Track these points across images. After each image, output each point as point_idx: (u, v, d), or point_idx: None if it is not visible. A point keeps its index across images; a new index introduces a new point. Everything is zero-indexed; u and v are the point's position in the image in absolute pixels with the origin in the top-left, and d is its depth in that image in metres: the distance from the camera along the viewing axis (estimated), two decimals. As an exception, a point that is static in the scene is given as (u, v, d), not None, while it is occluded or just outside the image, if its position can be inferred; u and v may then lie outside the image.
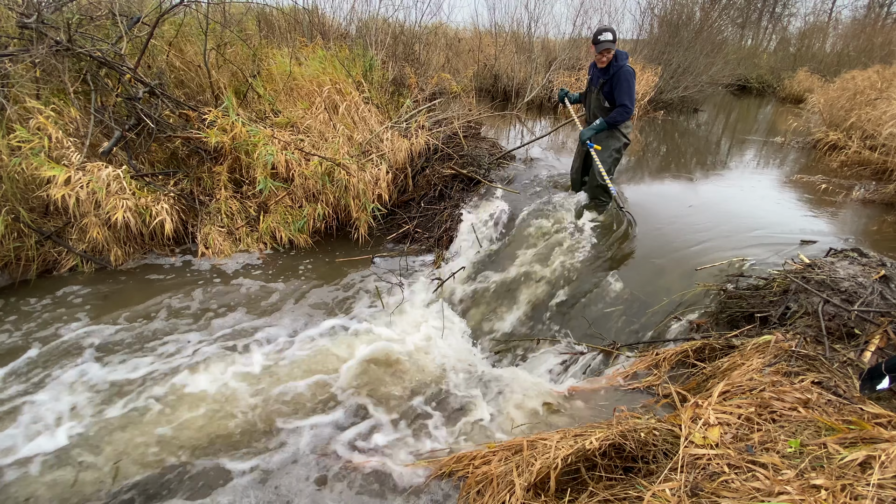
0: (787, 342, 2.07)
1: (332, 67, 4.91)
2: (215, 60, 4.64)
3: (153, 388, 2.60)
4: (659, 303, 2.88)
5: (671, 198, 4.48)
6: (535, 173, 4.81)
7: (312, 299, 3.57)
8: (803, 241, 3.17)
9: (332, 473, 2.13)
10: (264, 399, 2.59)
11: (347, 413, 2.52)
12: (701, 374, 2.18)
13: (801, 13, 25.73)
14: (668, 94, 9.52)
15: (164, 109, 4.08)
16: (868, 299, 2.21)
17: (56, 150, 3.41)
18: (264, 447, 2.28)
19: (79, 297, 3.36)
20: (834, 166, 5.59)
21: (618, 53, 3.41)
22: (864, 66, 9.86)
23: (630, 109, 3.43)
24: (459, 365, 2.94)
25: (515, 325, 3.27)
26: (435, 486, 1.93)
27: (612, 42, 3.31)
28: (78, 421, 2.36)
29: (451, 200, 4.55)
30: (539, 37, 9.65)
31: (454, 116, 5.69)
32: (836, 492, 1.25)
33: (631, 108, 3.43)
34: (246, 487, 2.05)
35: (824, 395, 1.71)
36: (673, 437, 1.64)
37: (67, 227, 3.62)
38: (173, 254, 3.97)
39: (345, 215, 4.35)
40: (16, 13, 3.62)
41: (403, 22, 7.35)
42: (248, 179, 4.23)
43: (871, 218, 3.96)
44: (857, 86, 6.80)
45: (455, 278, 3.71)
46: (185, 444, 2.27)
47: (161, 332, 3.09)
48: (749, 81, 15.49)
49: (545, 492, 1.57)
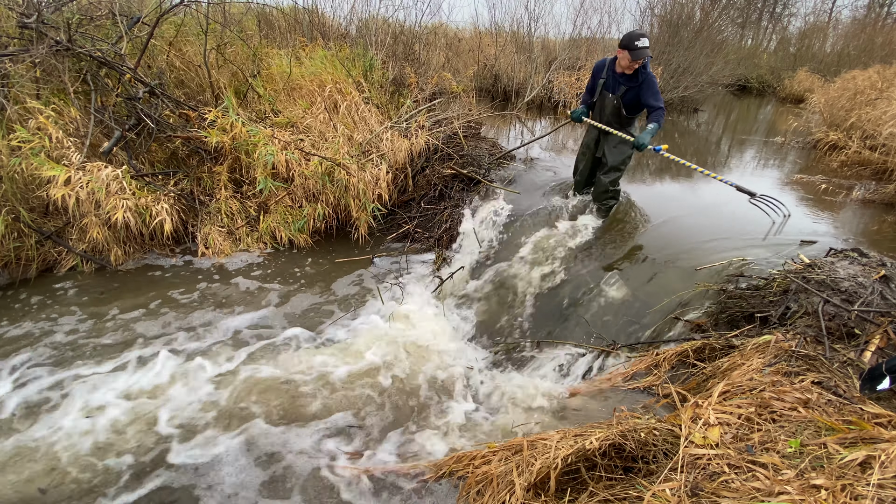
0: (787, 342, 2.07)
1: (333, 67, 4.91)
2: (215, 60, 4.64)
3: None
4: (659, 303, 2.88)
5: (671, 198, 4.47)
6: (535, 173, 4.81)
7: (312, 299, 3.57)
8: (803, 242, 3.17)
9: (333, 474, 2.13)
10: (258, 401, 2.59)
11: (346, 413, 2.52)
12: (701, 374, 2.18)
13: (801, 13, 25.75)
14: (668, 94, 9.51)
15: (164, 109, 4.08)
16: (868, 299, 2.21)
17: (56, 150, 3.41)
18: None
19: (76, 297, 3.36)
20: (834, 166, 5.59)
21: (645, 60, 3.20)
22: (864, 66, 9.86)
23: (664, 110, 3.32)
24: (459, 365, 2.94)
25: (515, 325, 3.27)
26: (435, 486, 1.93)
27: (648, 49, 3.10)
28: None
29: (452, 200, 4.55)
30: (539, 37, 9.64)
31: (454, 116, 5.69)
32: (836, 492, 1.25)
33: (664, 109, 3.32)
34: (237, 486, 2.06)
35: (824, 395, 1.71)
36: (673, 437, 1.64)
37: (67, 226, 3.62)
38: (173, 254, 3.97)
39: (345, 215, 4.35)
40: (16, 13, 3.62)
41: (403, 22, 7.35)
42: (248, 179, 4.23)
43: (871, 218, 3.96)
44: (858, 86, 6.80)
45: (455, 278, 3.71)
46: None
47: (160, 332, 3.09)
48: (749, 81, 15.48)
49: (545, 492, 1.57)
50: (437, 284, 3.71)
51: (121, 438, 2.28)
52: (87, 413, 2.40)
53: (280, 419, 2.46)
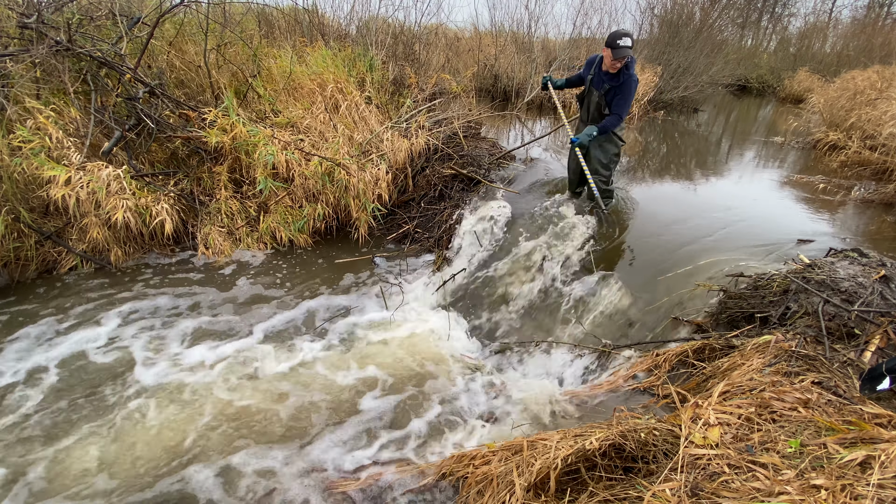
0: (787, 342, 2.07)
1: (335, 66, 4.91)
2: (215, 60, 4.64)
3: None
4: (659, 303, 2.88)
5: (671, 198, 4.48)
6: (535, 173, 4.80)
7: (312, 299, 3.57)
8: (800, 240, 3.18)
9: (332, 475, 2.13)
10: (258, 404, 2.59)
11: (346, 414, 2.52)
12: (701, 375, 2.18)
13: (801, 13, 25.70)
14: (668, 94, 9.52)
15: (164, 109, 4.08)
16: (868, 299, 2.21)
17: (56, 150, 3.41)
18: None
19: (75, 296, 3.36)
20: (834, 166, 5.59)
21: (630, 60, 3.24)
22: (864, 66, 9.86)
23: (622, 119, 3.37)
24: (458, 365, 2.94)
25: (515, 326, 3.27)
26: (435, 487, 1.93)
27: (630, 49, 3.12)
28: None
29: (451, 200, 4.55)
30: (539, 37, 9.64)
31: (454, 116, 5.69)
32: (836, 492, 1.25)
33: (623, 118, 3.38)
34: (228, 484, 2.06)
35: (824, 395, 1.71)
36: (673, 438, 1.64)
37: (67, 227, 3.62)
38: (173, 254, 3.97)
39: (345, 215, 4.35)
40: (16, 13, 3.62)
41: (403, 22, 7.35)
42: (248, 179, 4.23)
43: (870, 218, 3.96)
44: (857, 86, 6.79)
45: (455, 278, 3.71)
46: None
47: (161, 330, 3.09)
48: (749, 81, 15.47)
49: (545, 492, 1.57)
50: (437, 285, 3.71)
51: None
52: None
53: (281, 419, 2.46)
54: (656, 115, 9.11)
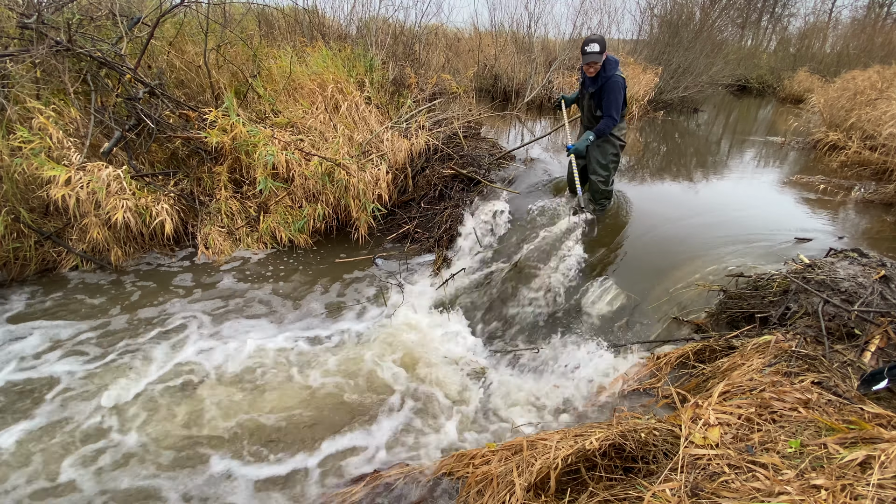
0: (787, 342, 2.07)
1: (335, 66, 4.91)
2: (215, 60, 4.64)
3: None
4: (659, 303, 2.88)
5: (671, 198, 4.48)
6: (535, 174, 4.80)
7: (312, 300, 3.57)
8: (798, 239, 3.18)
9: (333, 476, 2.13)
10: (259, 402, 2.59)
11: (346, 414, 2.52)
12: (701, 375, 2.18)
13: (801, 13, 25.76)
14: (668, 94, 9.52)
15: (164, 109, 4.08)
16: (868, 299, 2.21)
17: (56, 151, 3.41)
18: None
19: (75, 296, 3.36)
20: (834, 166, 5.59)
21: (606, 63, 3.30)
22: (864, 67, 9.86)
23: (616, 120, 3.40)
24: (458, 365, 2.94)
25: (515, 326, 3.27)
26: (435, 486, 1.93)
27: (597, 54, 3.19)
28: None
29: (451, 201, 4.54)
30: (539, 37, 9.64)
31: (454, 116, 5.69)
32: (836, 492, 1.25)
33: (616, 119, 3.40)
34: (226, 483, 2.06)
35: (824, 395, 1.71)
36: (673, 438, 1.64)
37: (67, 227, 3.62)
38: (173, 254, 3.97)
39: (345, 215, 4.35)
40: (16, 13, 3.62)
41: (403, 22, 7.35)
42: (248, 179, 4.23)
43: (870, 218, 3.96)
44: (858, 86, 6.79)
45: (455, 279, 3.71)
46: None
47: (160, 329, 3.10)
48: (749, 81, 15.48)
49: (545, 492, 1.57)
50: (437, 285, 3.71)
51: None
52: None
53: (279, 419, 2.46)
54: (656, 116, 9.11)
